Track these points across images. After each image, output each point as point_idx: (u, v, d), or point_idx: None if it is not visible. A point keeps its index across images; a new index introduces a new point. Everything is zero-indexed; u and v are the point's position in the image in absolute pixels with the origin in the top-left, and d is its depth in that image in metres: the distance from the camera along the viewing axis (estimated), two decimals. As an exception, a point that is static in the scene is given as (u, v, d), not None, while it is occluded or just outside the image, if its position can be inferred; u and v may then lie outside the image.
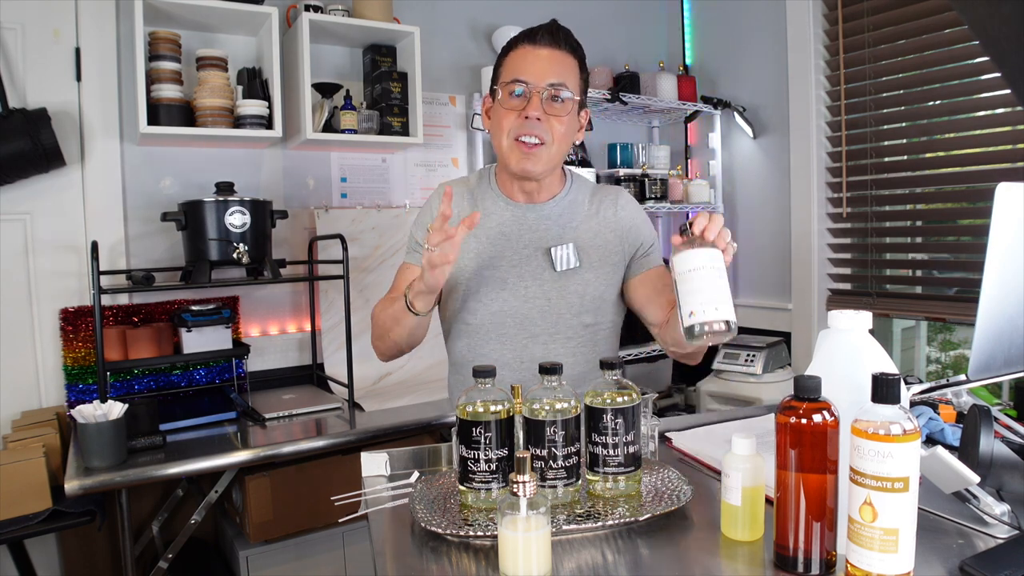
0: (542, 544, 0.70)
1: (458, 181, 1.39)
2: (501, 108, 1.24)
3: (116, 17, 2.05)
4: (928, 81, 2.23)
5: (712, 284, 0.89)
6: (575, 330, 1.30)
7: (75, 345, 1.96)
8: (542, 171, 1.26)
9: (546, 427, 0.87)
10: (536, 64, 1.22)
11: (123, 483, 1.55)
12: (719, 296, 0.88)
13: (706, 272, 0.89)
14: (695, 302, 0.88)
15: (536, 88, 1.21)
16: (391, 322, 1.23)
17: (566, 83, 1.23)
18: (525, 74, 1.21)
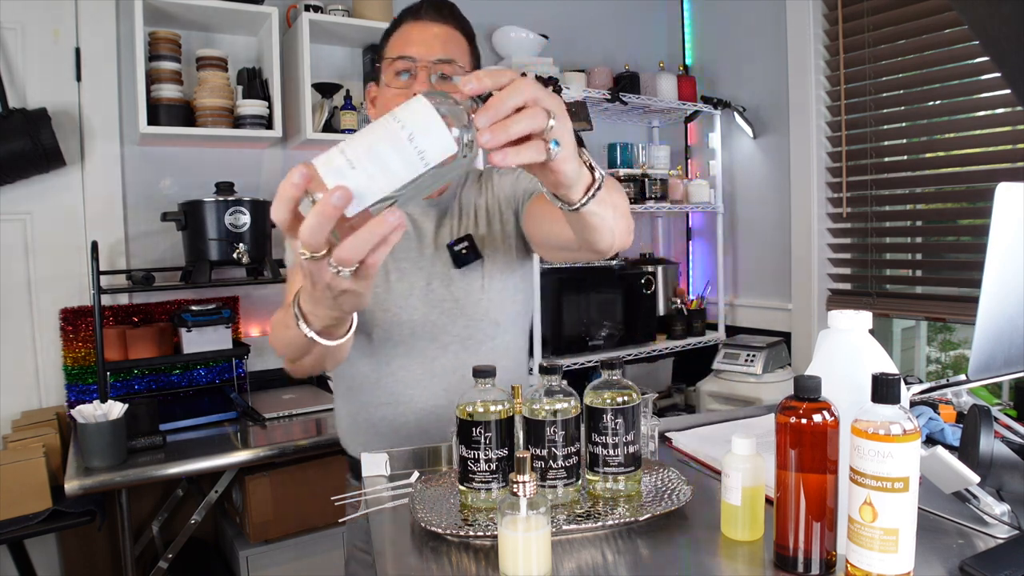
0: (542, 544, 0.70)
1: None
2: (387, 91, 1.11)
3: (116, 17, 2.05)
4: (928, 81, 2.23)
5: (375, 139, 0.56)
6: (486, 332, 1.18)
7: (75, 345, 1.96)
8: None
9: (546, 427, 0.87)
10: (421, 39, 1.10)
11: (123, 483, 1.55)
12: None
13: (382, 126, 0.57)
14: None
15: (423, 63, 1.08)
16: (297, 351, 0.90)
17: (456, 60, 1.11)
18: (409, 49, 1.09)
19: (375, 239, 0.56)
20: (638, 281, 2.58)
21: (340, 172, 0.55)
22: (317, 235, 0.56)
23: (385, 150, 0.56)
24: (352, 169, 0.55)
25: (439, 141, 0.56)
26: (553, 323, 2.40)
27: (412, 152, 0.56)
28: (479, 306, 1.17)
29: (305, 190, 0.56)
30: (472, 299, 1.16)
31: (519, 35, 2.58)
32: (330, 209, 0.54)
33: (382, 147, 0.56)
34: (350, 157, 0.55)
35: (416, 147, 0.56)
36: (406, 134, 0.56)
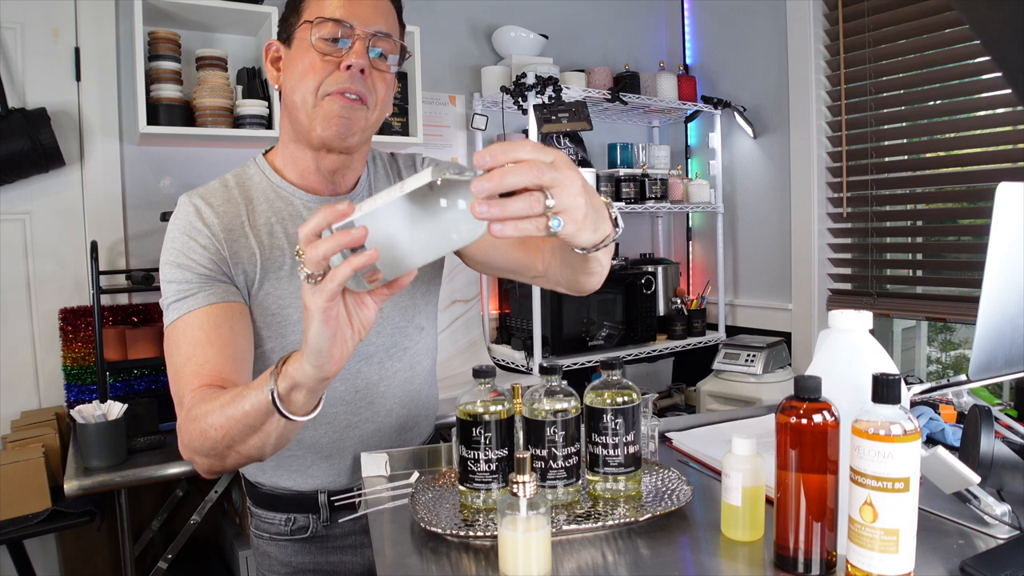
0: (542, 544, 0.70)
1: (213, 190, 1.01)
2: (310, 54, 0.93)
3: (115, 17, 2.05)
4: (928, 81, 2.23)
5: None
6: (411, 339, 1.09)
7: (75, 345, 1.96)
8: (359, 140, 0.98)
9: (546, 427, 0.87)
10: (359, 3, 0.95)
11: (123, 483, 1.55)
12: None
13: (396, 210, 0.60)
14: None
15: (361, 33, 0.94)
16: (240, 432, 0.78)
17: (392, 34, 0.98)
18: (343, 13, 0.93)
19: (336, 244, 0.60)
20: (638, 281, 2.58)
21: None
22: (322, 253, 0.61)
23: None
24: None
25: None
26: (553, 323, 2.40)
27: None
28: (404, 313, 1.09)
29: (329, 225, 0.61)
30: (398, 307, 1.08)
31: (519, 35, 2.58)
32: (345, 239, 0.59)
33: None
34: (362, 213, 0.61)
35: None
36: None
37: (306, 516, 1.09)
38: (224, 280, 0.95)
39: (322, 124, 0.94)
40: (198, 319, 0.90)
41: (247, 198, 1.01)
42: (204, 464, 0.85)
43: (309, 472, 1.07)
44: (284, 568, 1.11)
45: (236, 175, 1.05)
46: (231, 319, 0.92)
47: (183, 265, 0.94)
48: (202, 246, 0.95)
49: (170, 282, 0.94)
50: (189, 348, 0.89)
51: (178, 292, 0.92)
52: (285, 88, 0.98)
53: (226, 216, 0.98)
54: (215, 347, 0.88)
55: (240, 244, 0.98)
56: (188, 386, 0.87)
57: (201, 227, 0.96)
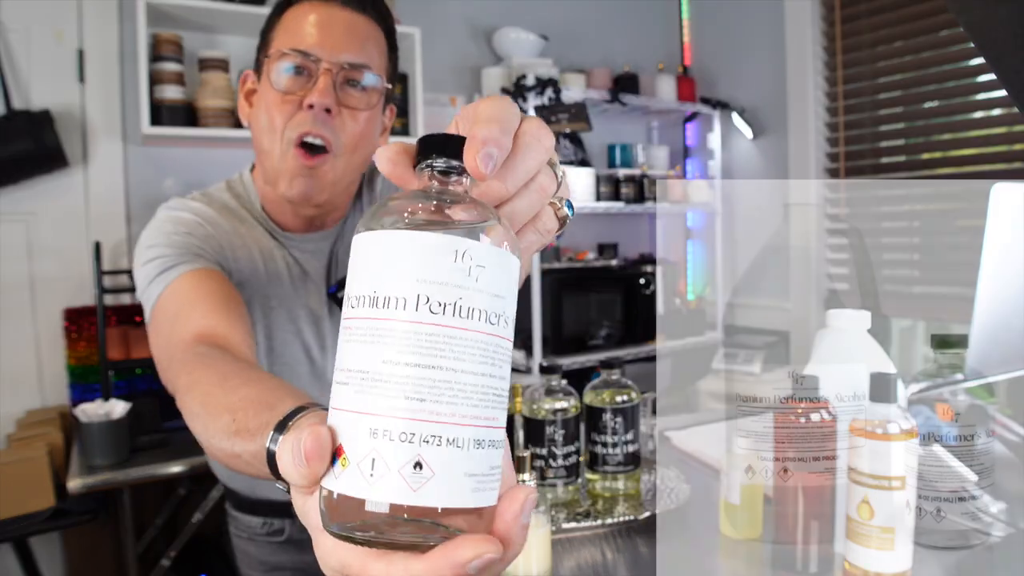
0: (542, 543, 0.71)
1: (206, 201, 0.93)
2: (271, 92, 0.82)
3: (119, 19, 2.06)
4: (925, 82, 2.24)
5: (428, 373, 0.30)
6: None
7: (78, 345, 1.96)
8: (327, 197, 0.87)
9: (546, 426, 0.88)
10: (327, 30, 0.82)
11: (126, 481, 1.56)
12: (440, 414, 0.30)
13: (421, 327, 0.31)
14: (358, 422, 0.31)
15: (326, 65, 0.81)
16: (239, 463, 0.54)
17: (370, 64, 0.85)
18: (309, 42, 0.81)
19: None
20: (638, 281, 2.59)
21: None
22: None
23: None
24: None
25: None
26: (553, 323, 2.41)
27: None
28: None
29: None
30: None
31: (519, 35, 2.59)
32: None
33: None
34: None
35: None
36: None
37: (281, 520, 1.09)
38: (216, 262, 0.85)
39: (286, 183, 0.84)
40: (187, 281, 0.78)
41: (238, 216, 0.93)
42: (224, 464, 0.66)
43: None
44: (263, 566, 1.12)
45: (225, 189, 0.97)
46: (226, 283, 0.81)
47: (172, 244, 0.82)
48: (199, 237, 0.86)
49: (148, 262, 0.81)
50: (177, 309, 0.75)
51: (158, 267, 0.80)
52: (253, 129, 0.88)
53: (227, 222, 0.91)
54: (208, 303, 0.75)
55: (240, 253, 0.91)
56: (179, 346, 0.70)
57: (200, 223, 0.88)
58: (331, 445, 0.31)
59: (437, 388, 0.30)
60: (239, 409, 0.54)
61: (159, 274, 0.79)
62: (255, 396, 0.54)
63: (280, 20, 0.85)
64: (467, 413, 0.31)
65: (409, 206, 0.33)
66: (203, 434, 0.60)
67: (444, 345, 0.31)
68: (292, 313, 0.94)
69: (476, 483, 0.31)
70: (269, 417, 0.48)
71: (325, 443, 0.31)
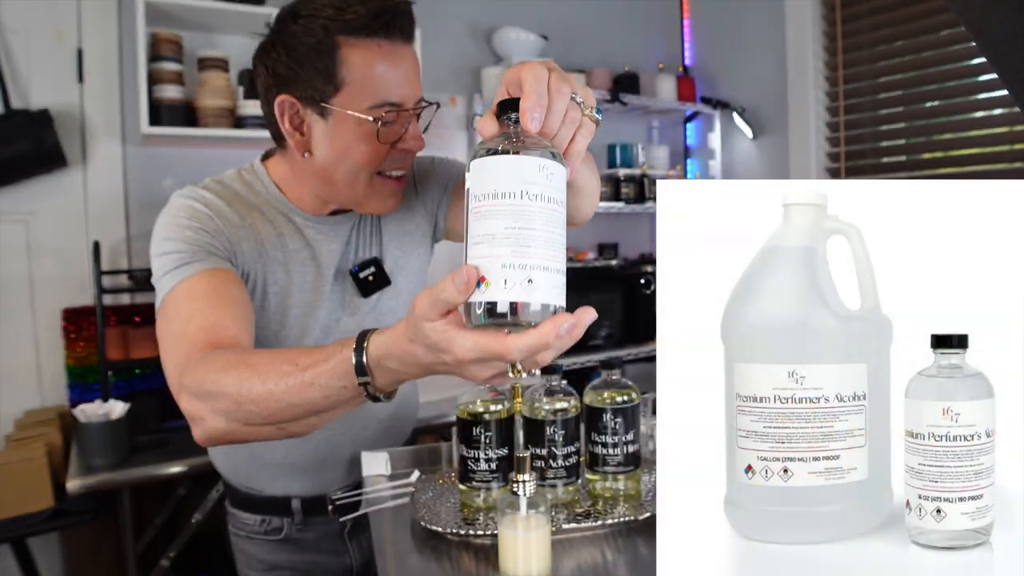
0: (542, 543, 0.71)
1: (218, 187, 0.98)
2: (370, 141, 0.87)
3: (118, 18, 2.06)
4: (926, 81, 2.24)
5: (529, 231, 0.51)
6: None
7: (77, 345, 1.96)
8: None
9: (546, 426, 0.87)
10: (404, 75, 0.88)
11: (125, 482, 1.56)
12: (540, 256, 0.52)
13: (522, 205, 0.52)
14: (490, 261, 0.51)
15: (411, 112, 0.90)
16: (292, 411, 0.68)
17: (422, 94, 0.94)
18: (398, 92, 0.87)
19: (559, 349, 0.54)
20: (638, 281, 2.58)
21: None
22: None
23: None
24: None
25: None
26: (553, 323, 2.40)
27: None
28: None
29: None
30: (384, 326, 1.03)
31: (519, 35, 2.58)
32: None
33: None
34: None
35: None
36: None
37: (280, 519, 1.09)
38: (229, 263, 0.89)
39: (376, 203, 0.93)
40: (201, 281, 0.82)
41: (250, 203, 0.97)
42: (222, 428, 0.73)
43: (281, 479, 1.08)
44: (261, 564, 1.12)
45: (237, 178, 1.01)
46: (236, 284, 0.86)
47: (185, 239, 0.86)
48: (211, 231, 0.89)
49: (164, 254, 0.85)
50: (191, 307, 0.80)
51: (176, 261, 0.84)
52: (320, 159, 0.90)
53: (235, 212, 0.94)
54: (222, 306, 0.80)
55: (249, 245, 0.94)
56: (196, 344, 0.76)
57: (210, 215, 0.91)
58: (476, 275, 0.51)
59: (535, 239, 0.52)
60: (294, 357, 0.67)
61: (175, 268, 0.84)
62: (299, 350, 0.71)
63: (341, 55, 0.84)
64: (549, 254, 0.52)
65: (506, 141, 0.55)
66: (259, 384, 0.68)
67: (535, 216, 0.52)
68: (303, 290, 0.98)
69: (556, 292, 0.53)
70: (331, 350, 0.65)
71: (474, 273, 0.51)
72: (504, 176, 0.52)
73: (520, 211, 0.52)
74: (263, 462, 1.06)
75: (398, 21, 0.86)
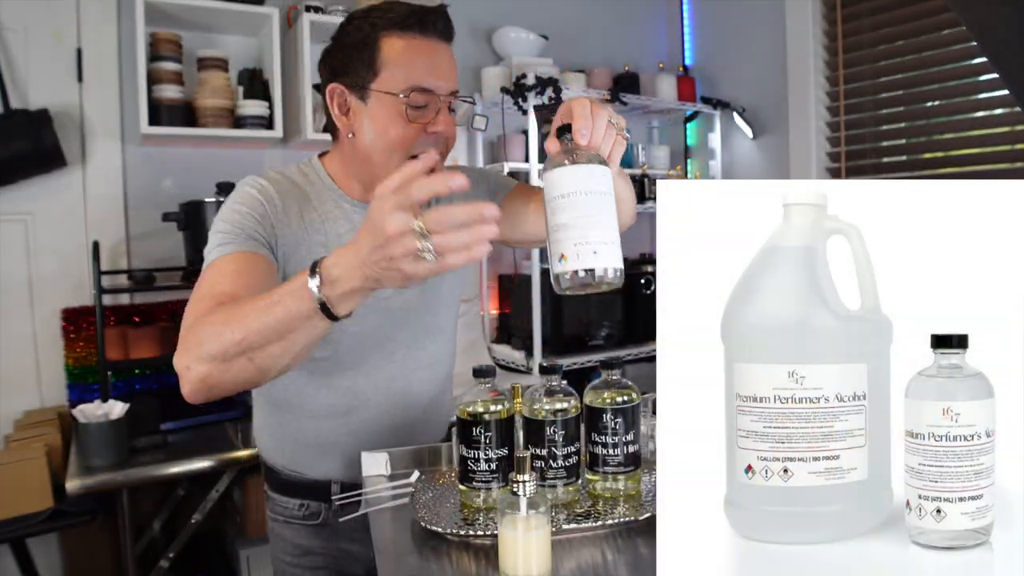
0: (542, 543, 0.71)
1: (277, 177, 1.10)
2: (401, 121, 0.98)
3: (117, 18, 2.06)
4: (927, 81, 2.23)
5: (590, 217, 0.70)
6: (432, 336, 1.15)
7: (76, 345, 1.96)
8: None
9: (546, 427, 0.87)
10: (439, 66, 1.00)
11: (124, 482, 1.56)
12: (600, 234, 0.70)
13: (583, 199, 0.71)
14: (566, 242, 0.70)
15: (443, 99, 1.00)
16: (261, 336, 0.77)
17: (459, 87, 1.05)
18: (429, 80, 0.98)
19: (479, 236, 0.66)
20: (638, 281, 2.58)
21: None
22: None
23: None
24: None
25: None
26: (553, 323, 2.40)
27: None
28: (430, 312, 1.14)
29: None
30: (425, 307, 1.13)
31: (519, 35, 2.58)
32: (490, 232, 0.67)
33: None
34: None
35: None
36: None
37: (318, 503, 1.14)
38: (267, 247, 0.99)
39: None
40: (233, 258, 0.94)
41: (303, 193, 1.08)
42: (202, 372, 0.80)
43: (323, 462, 1.12)
44: (296, 550, 1.17)
45: (296, 171, 1.12)
46: (263, 268, 0.95)
47: (234, 222, 0.98)
48: (257, 216, 1.00)
49: (216, 232, 0.98)
50: (216, 276, 0.91)
51: (221, 239, 0.96)
52: (360, 140, 1.02)
53: (285, 200, 1.05)
54: (241, 280, 0.90)
55: (289, 230, 1.03)
56: (206, 307, 0.85)
57: (261, 201, 1.02)
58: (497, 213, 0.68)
59: (598, 224, 0.71)
60: (273, 290, 0.78)
61: (218, 245, 0.96)
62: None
63: (381, 47, 0.98)
64: (606, 232, 0.71)
65: (566, 156, 0.74)
66: (237, 311, 0.79)
67: (595, 207, 0.71)
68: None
69: (615, 257, 0.71)
70: (297, 276, 0.75)
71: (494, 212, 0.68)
72: (566, 182, 0.72)
73: (580, 204, 0.71)
74: (306, 443, 1.12)
75: (431, 18, 0.99)
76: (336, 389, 1.09)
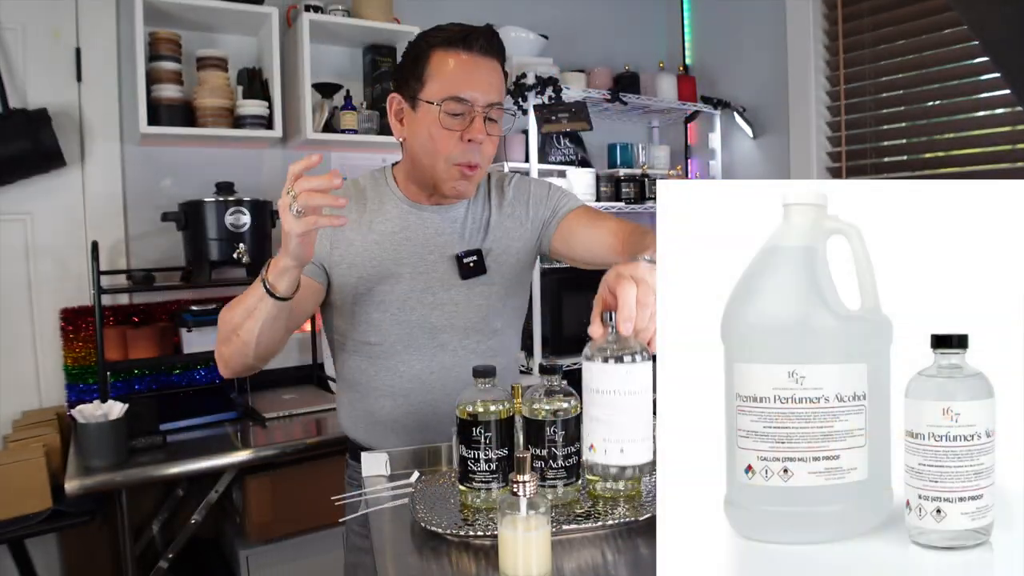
0: (542, 544, 0.71)
1: (351, 184, 1.24)
2: (438, 128, 1.09)
3: (116, 17, 2.05)
4: (928, 81, 2.23)
5: (623, 414, 0.78)
6: (484, 335, 1.23)
7: (75, 345, 1.96)
8: (473, 193, 1.20)
9: (546, 427, 0.87)
10: (477, 80, 1.10)
11: (123, 483, 1.55)
12: (629, 432, 0.78)
13: (618, 399, 0.78)
14: (595, 436, 0.80)
15: (479, 110, 1.09)
16: (242, 316, 1.04)
17: (501, 100, 1.13)
18: (466, 91, 1.08)
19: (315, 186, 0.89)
20: (638, 281, 2.58)
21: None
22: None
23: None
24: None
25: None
26: (553, 323, 2.40)
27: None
28: (479, 312, 1.21)
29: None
30: (473, 306, 1.21)
31: (519, 35, 2.58)
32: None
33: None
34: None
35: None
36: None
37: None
38: (317, 262, 1.14)
39: (448, 188, 1.14)
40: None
41: (364, 196, 1.20)
42: (219, 351, 1.12)
43: (390, 437, 1.20)
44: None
45: (369, 176, 1.25)
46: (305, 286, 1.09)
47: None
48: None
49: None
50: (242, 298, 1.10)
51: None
52: (411, 146, 1.15)
53: (349, 205, 1.17)
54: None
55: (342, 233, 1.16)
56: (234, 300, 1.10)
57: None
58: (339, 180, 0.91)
59: (629, 423, 0.78)
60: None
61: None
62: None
63: (430, 61, 1.11)
64: (637, 434, 0.79)
65: (606, 350, 0.79)
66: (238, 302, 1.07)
67: (628, 407, 0.78)
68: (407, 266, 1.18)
69: (640, 453, 0.79)
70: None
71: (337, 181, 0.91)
72: (605, 380, 0.78)
73: (615, 403, 0.77)
74: (375, 420, 1.22)
75: (476, 36, 1.10)
76: (393, 371, 1.19)
